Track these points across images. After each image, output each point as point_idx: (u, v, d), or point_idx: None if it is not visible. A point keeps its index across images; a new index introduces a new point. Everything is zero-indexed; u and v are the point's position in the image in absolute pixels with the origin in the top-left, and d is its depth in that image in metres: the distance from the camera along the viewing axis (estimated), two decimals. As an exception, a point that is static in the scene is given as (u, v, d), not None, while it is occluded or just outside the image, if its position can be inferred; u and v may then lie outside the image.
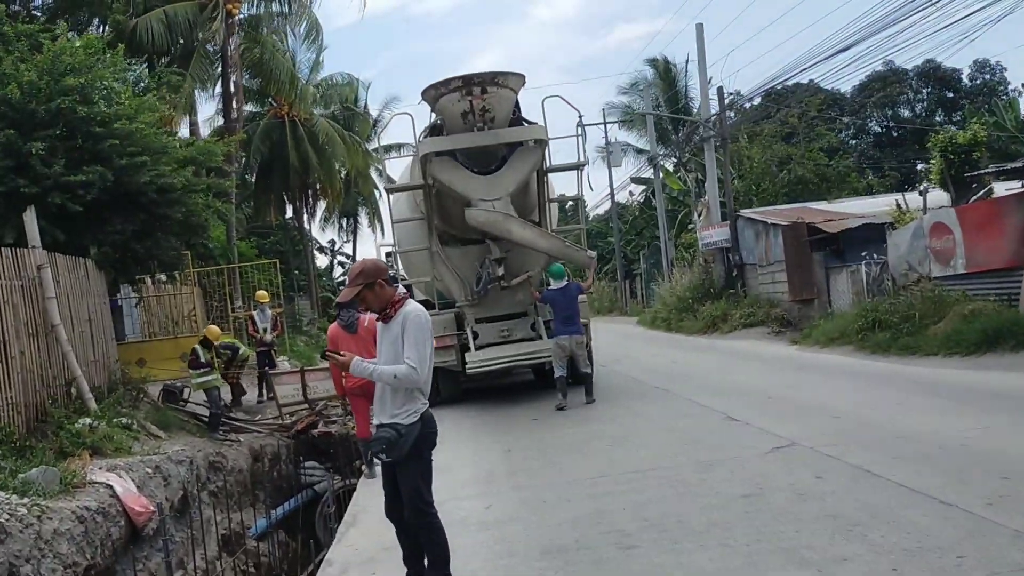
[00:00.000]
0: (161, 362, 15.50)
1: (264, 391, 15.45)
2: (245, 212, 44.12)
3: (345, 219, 53.58)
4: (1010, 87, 47.27)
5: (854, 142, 52.22)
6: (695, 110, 41.97)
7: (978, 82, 50.32)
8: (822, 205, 24.41)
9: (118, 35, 22.95)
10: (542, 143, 12.06)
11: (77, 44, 12.40)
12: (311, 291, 39.92)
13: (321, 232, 66.48)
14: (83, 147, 11.91)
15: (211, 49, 27.08)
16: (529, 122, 12.39)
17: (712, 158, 25.50)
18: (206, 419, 13.08)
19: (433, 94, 11.76)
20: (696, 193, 32.18)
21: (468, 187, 11.84)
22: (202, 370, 12.68)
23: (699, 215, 26.27)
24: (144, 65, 17.80)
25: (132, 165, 11.85)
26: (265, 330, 15.64)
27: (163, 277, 20.82)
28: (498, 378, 14.39)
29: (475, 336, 12.47)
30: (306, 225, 44.26)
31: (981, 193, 16.03)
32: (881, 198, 26.81)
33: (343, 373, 8.44)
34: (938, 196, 18.18)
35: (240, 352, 14.95)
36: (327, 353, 5.81)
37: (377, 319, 4.91)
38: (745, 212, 24.12)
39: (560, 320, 11.58)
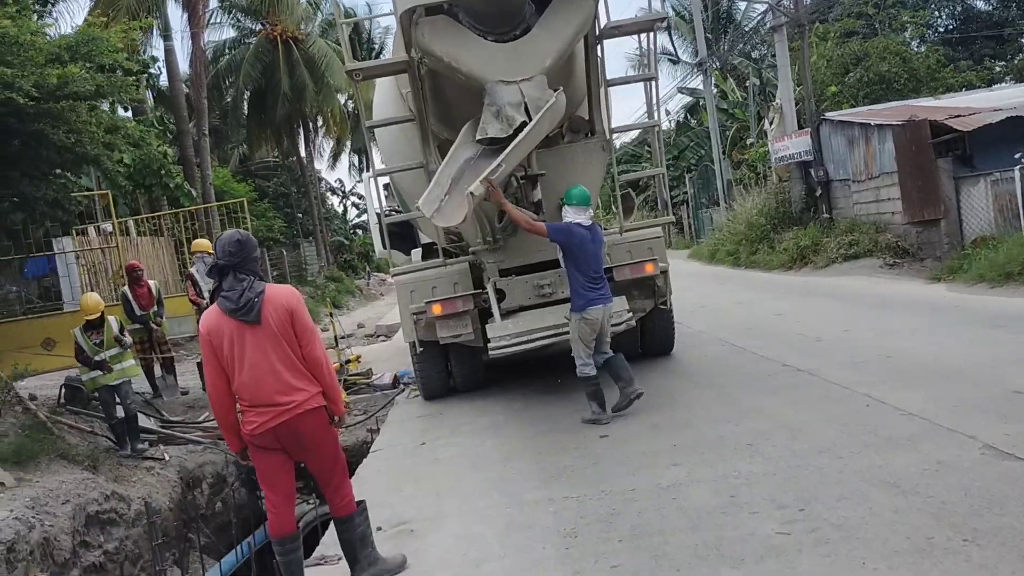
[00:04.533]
0: (77, 342, 11.43)
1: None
2: (241, 151, 39.90)
3: (356, 157, 49.15)
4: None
5: (914, 43, 46.37)
6: (741, 11, 36.70)
7: (1061, -33, 44.03)
8: (929, 102, 19.52)
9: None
10: (594, -13, 7.44)
11: None
12: (317, 236, 35.70)
13: (331, 171, 61.81)
14: None
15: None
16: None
17: (785, 51, 20.60)
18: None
19: (415, -90, 7.18)
20: (760, 100, 27.24)
21: (479, 62, 7.32)
22: (92, 368, 8.59)
23: (770, 123, 21.50)
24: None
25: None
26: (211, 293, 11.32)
27: (108, 227, 16.77)
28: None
29: (500, 296, 8.16)
30: (314, 164, 39.85)
31: None
32: (996, 92, 21.86)
33: (236, 404, 4.22)
34: None
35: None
36: None
37: None
38: (833, 115, 19.29)
39: (587, 277, 6.95)
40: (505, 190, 7.83)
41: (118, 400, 8.71)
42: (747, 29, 32.45)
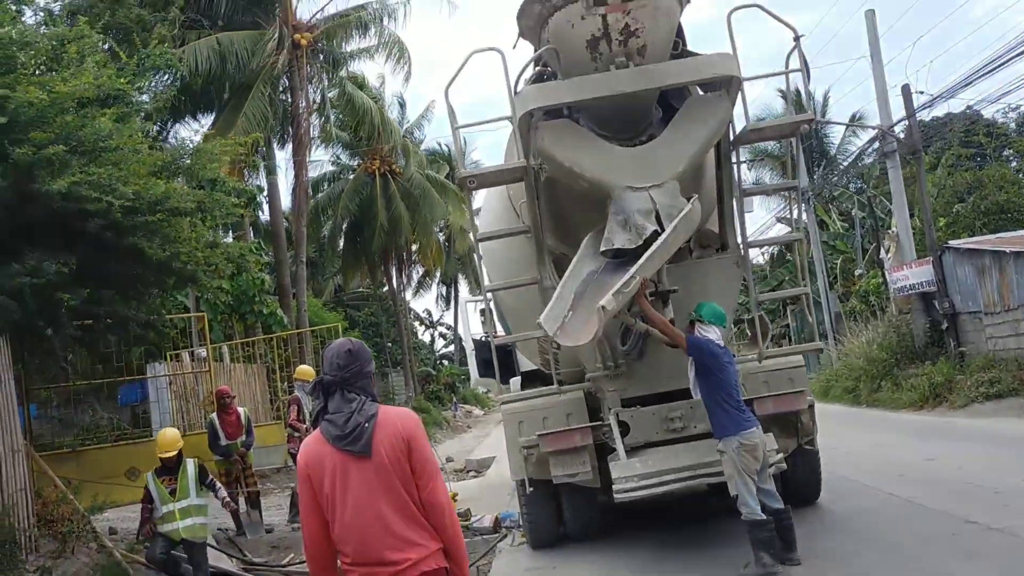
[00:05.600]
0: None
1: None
2: (335, 281, 40.49)
3: (444, 287, 49.51)
4: None
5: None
6: (834, 148, 36.13)
7: None
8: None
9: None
10: (733, 85, 6.75)
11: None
12: (406, 366, 35.34)
13: (418, 299, 62.18)
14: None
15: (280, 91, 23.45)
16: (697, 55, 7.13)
17: (899, 177, 19.64)
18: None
19: (539, 12, 6.68)
20: (865, 230, 26.13)
21: (605, 168, 6.68)
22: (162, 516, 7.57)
23: (886, 251, 20.33)
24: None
25: (40, 161, 7.11)
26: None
27: (202, 352, 16.53)
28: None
29: (624, 430, 7.16)
30: (403, 293, 40.10)
31: None
32: None
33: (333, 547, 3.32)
34: None
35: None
36: None
37: None
38: (958, 243, 18.04)
39: (733, 398, 6.27)
40: (628, 309, 6.99)
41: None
42: (846, 161, 31.78)
